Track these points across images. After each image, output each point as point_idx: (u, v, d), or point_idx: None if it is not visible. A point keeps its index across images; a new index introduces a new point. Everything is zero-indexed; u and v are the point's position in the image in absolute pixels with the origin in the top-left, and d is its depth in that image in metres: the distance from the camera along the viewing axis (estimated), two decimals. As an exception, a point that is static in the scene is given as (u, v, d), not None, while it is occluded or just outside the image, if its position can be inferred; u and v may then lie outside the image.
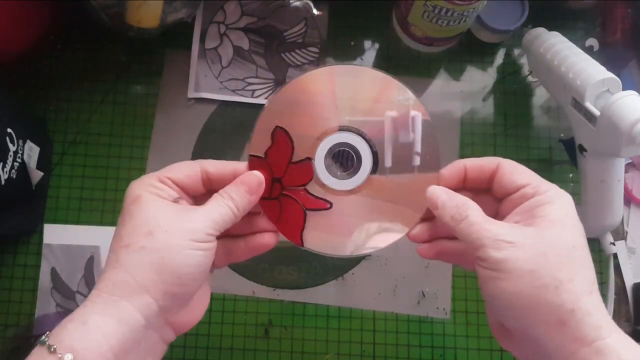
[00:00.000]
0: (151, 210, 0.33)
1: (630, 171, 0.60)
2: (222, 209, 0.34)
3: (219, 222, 0.34)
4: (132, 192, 0.34)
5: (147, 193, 0.34)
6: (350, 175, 0.40)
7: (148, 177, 0.35)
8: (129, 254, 0.32)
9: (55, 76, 0.60)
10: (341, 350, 0.55)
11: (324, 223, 0.38)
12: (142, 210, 0.33)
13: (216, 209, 0.34)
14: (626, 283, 0.56)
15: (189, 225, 0.33)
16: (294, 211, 0.39)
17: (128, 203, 0.34)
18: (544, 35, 0.54)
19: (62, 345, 0.29)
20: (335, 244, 0.39)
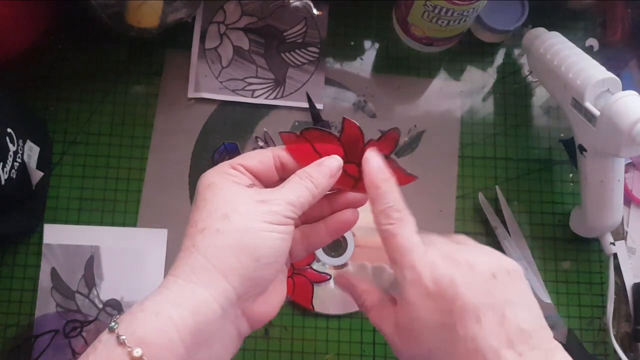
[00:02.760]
0: (226, 194, 0.32)
1: (630, 171, 0.60)
2: (300, 191, 0.33)
3: (296, 204, 0.33)
4: (206, 179, 0.34)
5: (221, 179, 0.33)
6: (341, 254, 0.56)
7: (220, 166, 0.34)
8: (204, 238, 0.31)
9: (55, 76, 0.60)
10: (341, 350, 0.55)
11: (327, 290, 0.55)
12: (217, 195, 0.32)
13: (294, 191, 0.33)
14: (626, 283, 0.56)
15: (265, 207, 0.32)
16: (304, 285, 0.55)
17: (202, 190, 0.33)
18: (544, 35, 0.54)
19: (133, 337, 0.28)
20: (337, 305, 0.55)
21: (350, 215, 0.37)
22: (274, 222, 0.32)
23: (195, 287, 0.30)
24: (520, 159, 0.60)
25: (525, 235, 0.57)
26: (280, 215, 0.32)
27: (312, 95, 0.60)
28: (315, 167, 0.35)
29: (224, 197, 0.32)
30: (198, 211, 0.32)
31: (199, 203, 0.33)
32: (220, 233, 0.31)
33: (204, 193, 0.33)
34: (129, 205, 0.57)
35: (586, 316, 0.56)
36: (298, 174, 0.34)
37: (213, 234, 0.31)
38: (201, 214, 0.32)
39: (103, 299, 0.54)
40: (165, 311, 0.29)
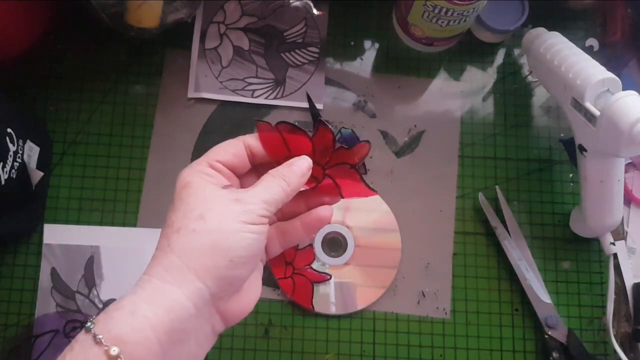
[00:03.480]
0: (201, 194, 0.33)
1: (630, 171, 0.60)
2: (274, 189, 0.34)
3: (271, 203, 0.34)
4: (182, 178, 0.34)
5: (197, 179, 0.34)
6: (341, 254, 0.56)
7: (197, 164, 0.35)
8: (180, 238, 0.32)
9: (55, 76, 0.60)
10: (341, 350, 0.55)
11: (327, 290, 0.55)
12: (193, 195, 0.33)
13: (268, 189, 0.34)
14: (626, 283, 0.55)
15: (240, 207, 0.32)
16: (304, 285, 0.54)
17: (178, 189, 0.34)
18: (544, 35, 0.54)
19: (109, 335, 0.29)
20: (337, 305, 0.55)
21: (324, 212, 0.38)
22: (248, 222, 0.32)
23: (169, 287, 0.31)
24: (520, 159, 0.60)
25: (525, 235, 0.57)
26: (255, 214, 0.33)
27: (312, 95, 0.60)
28: (287, 167, 0.35)
29: (199, 197, 0.33)
30: (174, 211, 0.33)
31: (176, 202, 0.33)
32: (195, 233, 0.31)
33: (181, 193, 0.33)
34: (129, 205, 0.57)
35: (586, 316, 0.56)
36: (271, 173, 0.35)
37: (188, 235, 0.31)
38: (177, 214, 0.33)
39: (103, 299, 0.54)
40: (141, 310, 0.30)
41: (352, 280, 0.55)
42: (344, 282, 0.55)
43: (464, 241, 0.58)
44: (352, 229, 0.56)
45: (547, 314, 0.54)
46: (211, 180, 0.34)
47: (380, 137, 0.60)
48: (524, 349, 0.55)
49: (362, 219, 0.57)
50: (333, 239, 0.57)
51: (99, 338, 0.28)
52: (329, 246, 0.56)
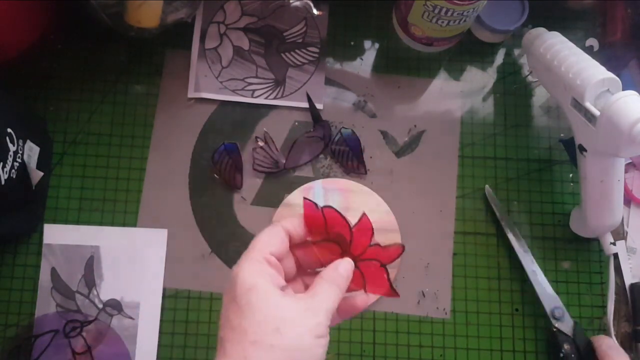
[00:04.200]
0: (273, 303, 0.33)
1: (630, 171, 0.60)
2: (334, 298, 0.35)
3: (332, 311, 0.35)
4: (244, 279, 0.34)
5: (262, 280, 0.34)
6: None
7: (256, 261, 0.35)
8: (256, 352, 0.32)
9: (55, 76, 0.60)
10: (341, 350, 0.55)
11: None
12: (263, 302, 0.33)
13: (330, 299, 0.35)
14: (626, 283, 0.56)
15: (312, 320, 0.33)
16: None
17: (242, 291, 0.33)
18: (544, 35, 0.54)
19: None
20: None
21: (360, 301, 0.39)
22: (320, 335, 0.33)
23: None
24: (520, 159, 0.60)
25: (525, 235, 0.57)
26: (324, 326, 0.34)
27: (312, 95, 0.60)
28: (334, 271, 0.37)
29: (271, 305, 0.33)
30: (245, 318, 0.33)
31: (244, 308, 0.33)
32: (273, 349, 0.32)
33: (248, 296, 0.33)
34: (129, 205, 0.57)
35: (586, 316, 0.56)
36: (324, 279, 0.36)
37: (266, 350, 0.32)
38: (251, 322, 0.32)
39: (103, 299, 0.54)
40: None
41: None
42: None
43: (464, 241, 0.58)
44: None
45: (553, 306, 0.54)
46: (274, 281, 0.34)
47: (380, 137, 0.60)
48: (524, 349, 0.55)
49: None
50: None
51: None
52: None
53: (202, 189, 0.58)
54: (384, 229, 0.57)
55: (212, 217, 0.57)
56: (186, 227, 0.56)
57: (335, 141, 0.59)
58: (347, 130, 0.59)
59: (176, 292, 0.55)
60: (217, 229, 0.57)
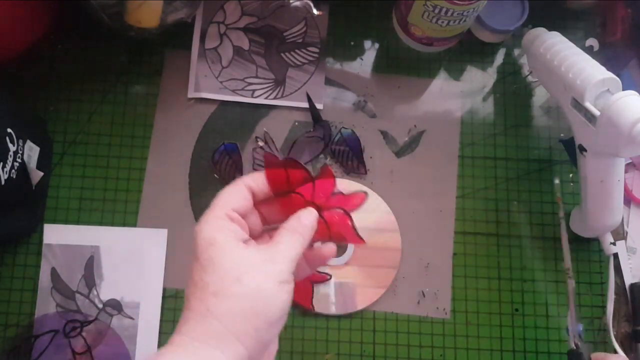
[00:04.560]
0: (233, 254, 0.33)
1: (630, 171, 0.60)
2: (297, 246, 0.35)
3: (295, 260, 0.35)
4: (205, 234, 0.34)
5: (222, 235, 0.34)
6: (341, 254, 0.56)
7: (217, 218, 0.35)
8: (219, 302, 0.32)
9: (55, 76, 0.60)
10: (341, 350, 0.55)
11: (327, 290, 0.55)
12: (224, 255, 0.33)
13: (292, 248, 0.35)
14: (626, 283, 0.56)
15: (274, 267, 0.33)
16: (304, 285, 0.54)
17: (204, 247, 0.34)
18: (544, 35, 0.54)
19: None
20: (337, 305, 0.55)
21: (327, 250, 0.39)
22: (283, 281, 0.33)
23: (211, 350, 0.31)
24: (520, 159, 0.60)
25: (525, 235, 0.57)
26: (287, 272, 0.34)
27: (312, 95, 0.60)
28: (297, 221, 0.36)
29: (231, 257, 0.33)
30: (206, 272, 0.33)
31: (204, 263, 0.33)
32: (233, 297, 0.32)
33: (208, 252, 0.33)
34: (129, 205, 0.57)
35: (586, 316, 0.56)
36: (287, 229, 0.36)
37: (226, 299, 0.32)
38: (212, 276, 0.33)
39: (103, 299, 0.54)
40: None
41: (352, 280, 0.55)
42: (344, 282, 0.55)
43: (464, 241, 0.58)
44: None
45: (578, 324, 0.52)
46: (235, 236, 0.34)
47: (380, 137, 0.60)
48: (524, 349, 0.55)
49: (362, 219, 0.57)
50: None
51: None
52: None
53: (202, 189, 0.58)
54: (384, 229, 0.57)
55: (212, 217, 0.57)
56: (186, 227, 0.56)
57: (335, 141, 0.59)
58: (347, 130, 0.59)
59: (176, 292, 0.55)
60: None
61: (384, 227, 0.57)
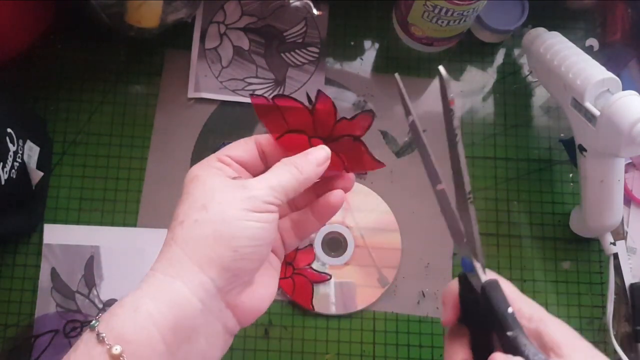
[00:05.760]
0: (208, 186, 0.31)
1: (630, 171, 0.60)
2: (283, 175, 0.32)
3: (278, 189, 0.31)
4: (190, 172, 0.33)
5: (205, 172, 0.32)
6: (341, 254, 0.56)
7: (206, 159, 0.34)
8: (182, 230, 0.30)
9: (55, 76, 0.60)
10: (341, 350, 0.55)
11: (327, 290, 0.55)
12: (198, 186, 0.32)
13: (276, 175, 0.32)
14: (626, 283, 0.56)
15: (244, 193, 0.31)
16: (303, 285, 0.54)
17: (186, 183, 0.33)
18: (544, 35, 0.54)
19: (112, 334, 0.28)
20: (337, 305, 0.55)
21: (335, 198, 0.35)
22: (252, 210, 0.30)
23: (172, 281, 0.29)
24: (520, 159, 0.60)
25: (525, 235, 0.57)
26: (260, 200, 0.31)
27: (312, 96, 0.60)
28: (302, 156, 0.34)
29: (205, 188, 0.31)
30: (180, 205, 0.32)
31: (183, 197, 0.32)
32: (197, 224, 0.30)
33: (188, 187, 0.32)
34: (129, 205, 0.57)
35: (586, 316, 0.56)
36: (282, 161, 0.33)
37: (191, 226, 0.30)
38: (183, 207, 0.32)
39: (103, 299, 0.54)
40: (144, 306, 0.29)
41: (352, 280, 0.55)
42: (344, 282, 0.55)
43: (464, 241, 0.58)
44: (352, 229, 0.56)
45: None
46: (219, 172, 0.33)
47: (380, 137, 0.60)
48: (524, 349, 0.55)
49: (362, 219, 0.57)
50: (333, 239, 0.57)
51: (102, 336, 0.28)
52: (329, 246, 0.56)
53: (202, 189, 0.58)
54: (384, 229, 0.57)
55: (212, 217, 0.57)
56: (186, 227, 0.56)
57: (335, 141, 0.59)
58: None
59: (176, 292, 0.55)
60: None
61: (384, 227, 0.57)
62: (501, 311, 0.34)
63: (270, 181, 0.32)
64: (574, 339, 0.36)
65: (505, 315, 0.33)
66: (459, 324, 0.37)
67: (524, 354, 0.32)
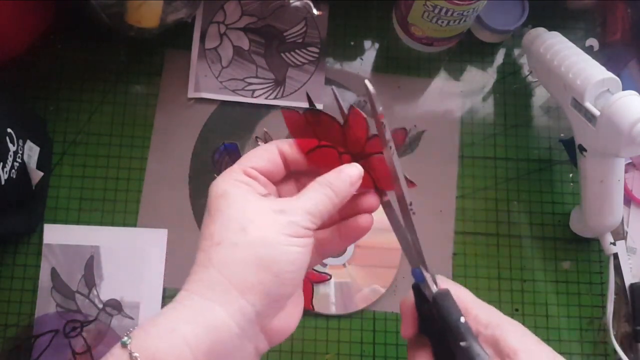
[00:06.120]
0: (241, 204, 0.31)
1: (630, 171, 0.60)
2: (319, 199, 0.31)
3: (315, 214, 0.31)
4: (218, 187, 0.32)
5: (234, 187, 0.32)
6: (341, 253, 0.56)
7: (231, 171, 0.33)
8: (220, 252, 0.30)
9: (55, 76, 0.60)
10: (341, 350, 0.55)
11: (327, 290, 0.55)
12: (232, 205, 0.31)
13: (312, 199, 0.31)
14: (626, 283, 0.56)
15: (284, 218, 0.30)
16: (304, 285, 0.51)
17: (214, 199, 0.31)
18: (544, 35, 0.54)
19: (145, 354, 0.27)
20: (337, 305, 0.55)
21: (365, 221, 0.35)
22: (293, 235, 0.30)
23: (211, 305, 0.29)
24: (520, 159, 0.60)
25: (525, 235, 0.57)
26: (300, 226, 0.31)
27: (312, 95, 0.59)
28: (335, 174, 0.33)
29: (239, 207, 0.31)
30: (213, 223, 0.31)
31: (213, 214, 0.31)
32: (236, 247, 0.29)
33: (218, 203, 0.31)
34: (129, 205, 0.57)
35: (586, 316, 0.56)
36: (317, 181, 0.32)
37: (229, 248, 0.30)
38: (216, 226, 0.31)
39: (103, 299, 0.54)
40: (180, 328, 0.28)
41: (352, 280, 0.55)
42: (344, 282, 0.55)
43: (464, 241, 0.58)
44: None
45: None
46: (248, 188, 0.32)
47: (380, 137, 0.60)
48: (524, 349, 0.55)
49: None
50: None
51: (135, 355, 0.27)
52: None
53: (202, 189, 0.58)
54: (384, 229, 0.57)
55: (212, 217, 0.57)
56: (186, 227, 0.56)
57: (335, 141, 0.58)
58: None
59: (176, 292, 0.54)
60: (217, 229, 0.57)
61: (383, 227, 0.57)
62: (453, 321, 0.33)
63: (307, 206, 0.31)
64: (532, 344, 0.35)
65: (457, 325, 0.33)
66: (420, 334, 0.37)
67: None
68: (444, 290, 0.35)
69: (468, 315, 0.36)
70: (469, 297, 0.37)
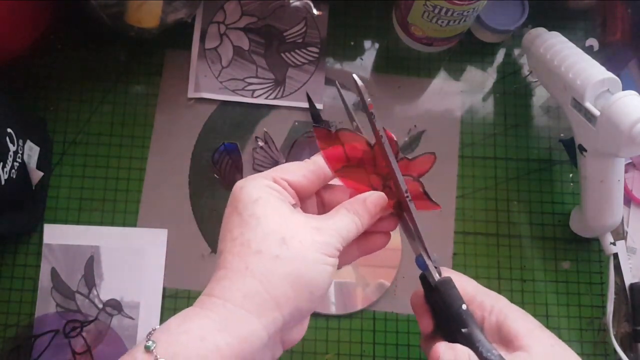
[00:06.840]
0: (280, 215, 0.31)
1: (630, 171, 0.60)
2: (350, 225, 0.33)
3: (345, 238, 0.32)
4: (250, 192, 0.32)
5: (268, 195, 0.32)
6: None
7: (262, 177, 0.33)
8: (261, 262, 0.29)
9: (55, 76, 0.60)
10: (341, 350, 0.55)
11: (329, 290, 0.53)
12: (269, 214, 0.31)
13: (345, 224, 0.33)
14: (626, 283, 0.56)
15: (321, 237, 0.31)
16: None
17: (248, 204, 0.31)
18: (544, 35, 0.54)
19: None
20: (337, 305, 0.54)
21: (384, 240, 0.37)
22: (329, 255, 0.31)
23: (247, 316, 0.29)
24: (520, 159, 0.60)
25: (525, 235, 0.57)
26: (334, 247, 0.31)
27: (312, 95, 0.60)
28: (361, 204, 0.34)
29: (277, 218, 0.31)
30: (248, 228, 0.31)
31: (247, 218, 0.31)
32: (278, 260, 0.30)
33: (253, 208, 0.31)
34: (129, 205, 0.57)
35: (586, 316, 0.56)
36: (345, 207, 0.33)
37: (271, 260, 0.30)
38: (255, 233, 0.30)
39: (103, 299, 0.54)
40: (211, 337, 0.28)
41: (352, 280, 0.55)
42: (344, 282, 0.55)
43: (464, 241, 0.58)
44: None
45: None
46: (280, 197, 0.32)
47: (380, 137, 0.60)
48: (524, 349, 0.55)
49: None
50: None
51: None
52: None
53: (202, 189, 0.58)
54: None
55: (212, 217, 0.57)
56: (186, 227, 0.56)
57: (335, 141, 0.58)
58: (347, 130, 0.59)
59: (176, 292, 0.55)
60: (217, 229, 0.57)
61: None
62: (455, 308, 0.34)
63: (340, 229, 0.32)
64: (535, 329, 0.36)
65: (459, 312, 0.34)
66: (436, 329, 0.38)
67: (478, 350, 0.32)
68: (445, 278, 0.35)
69: (473, 302, 0.37)
70: (474, 285, 0.37)
